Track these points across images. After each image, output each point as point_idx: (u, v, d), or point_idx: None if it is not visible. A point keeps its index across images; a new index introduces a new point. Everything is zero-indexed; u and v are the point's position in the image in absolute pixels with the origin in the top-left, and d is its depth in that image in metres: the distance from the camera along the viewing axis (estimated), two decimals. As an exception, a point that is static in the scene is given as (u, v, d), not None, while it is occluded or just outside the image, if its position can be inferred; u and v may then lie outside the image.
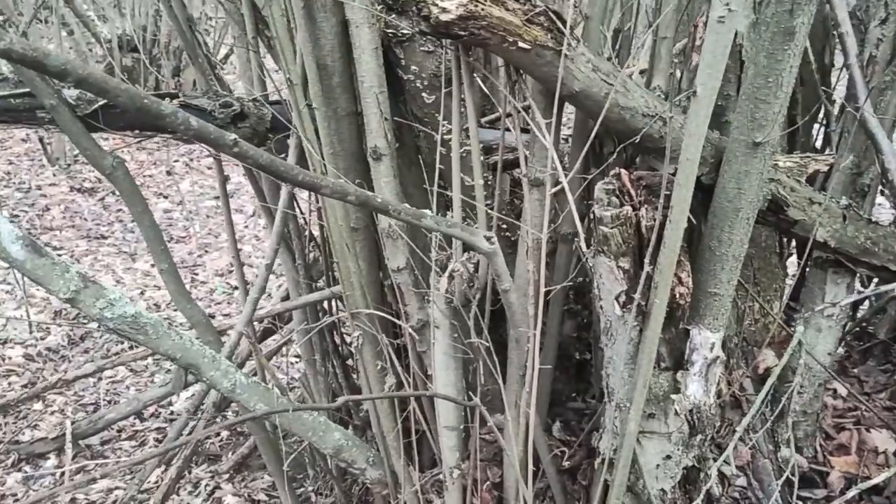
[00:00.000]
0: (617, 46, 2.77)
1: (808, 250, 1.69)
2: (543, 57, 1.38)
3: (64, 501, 2.89)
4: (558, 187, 1.45)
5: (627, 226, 1.48)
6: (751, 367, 2.22)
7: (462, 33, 1.33)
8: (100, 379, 3.83)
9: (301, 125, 1.63)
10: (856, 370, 2.39)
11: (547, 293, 1.78)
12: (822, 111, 2.63)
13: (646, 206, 1.49)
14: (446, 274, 1.58)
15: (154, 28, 7.98)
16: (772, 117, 1.48)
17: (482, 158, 1.88)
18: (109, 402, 3.61)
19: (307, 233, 2.28)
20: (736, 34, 1.77)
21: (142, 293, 4.85)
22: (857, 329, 2.55)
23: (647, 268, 1.44)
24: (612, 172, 1.54)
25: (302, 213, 2.27)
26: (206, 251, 5.68)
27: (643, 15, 2.35)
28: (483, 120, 2.26)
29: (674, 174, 1.44)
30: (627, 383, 1.64)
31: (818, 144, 2.79)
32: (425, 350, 1.89)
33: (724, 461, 2.05)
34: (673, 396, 1.61)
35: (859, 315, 2.67)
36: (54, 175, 6.77)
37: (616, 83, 1.45)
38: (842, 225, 1.80)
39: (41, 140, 6.74)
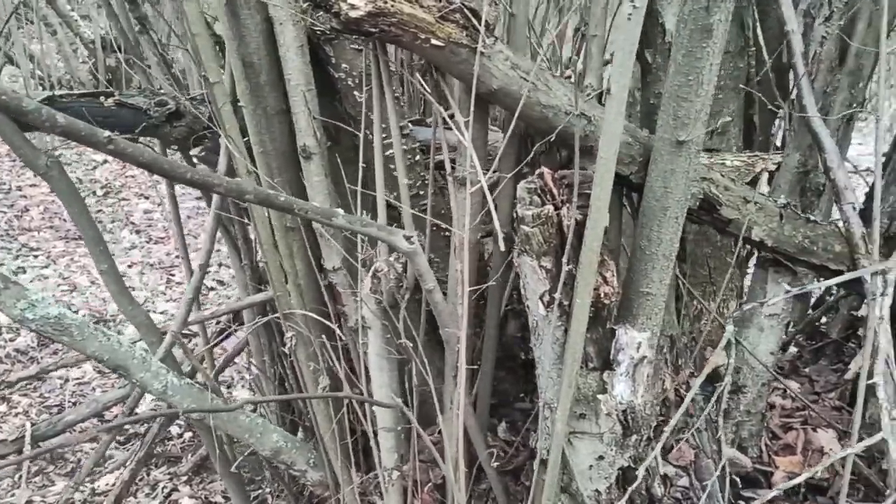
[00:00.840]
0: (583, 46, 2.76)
1: (737, 249, 1.69)
2: (458, 55, 1.37)
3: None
4: (476, 186, 1.44)
5: (549, 225, 1.46)
6: (699, 366, 2.20)
7: (373, 30, 1.32)
8: (66, 381, 3.82)
9: (222, 124, 1.62)
10: (807, 370, 2.37)
11: (480, 293, 1.77)
12: (781, 111, 2.62)
13: (567, 204, 1.47)
14: (369, 274, 1.57)
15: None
16: (694, 115, 1.47)
17: (420, 158, 1.87)
18: (74, 403, 3.60)
19: (254, 235, 2.26)
20: (666, 32, 1.77)
21: (116, 294, 4.82)
22: (810, 328, 2.54)
23: (565, 267, 1.43)
24: (537, 172, 1.53)
25: (248, 214, 2.25)
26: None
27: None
28: (429, 119, 2.26)
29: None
30: (556, 383, 1.62)
31: (778, 144, 2.78)
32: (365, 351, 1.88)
33: (664, 461, 2.05)
34: (600, 397, 1.60)
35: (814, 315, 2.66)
36: (35, 176, 6.74)
37: (537, 81, 1.44)
38: (778, 224, 1.79)
39: (22, 141, 6.72)
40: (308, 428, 2.43)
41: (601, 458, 1.71)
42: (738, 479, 2.01)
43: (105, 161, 7.39)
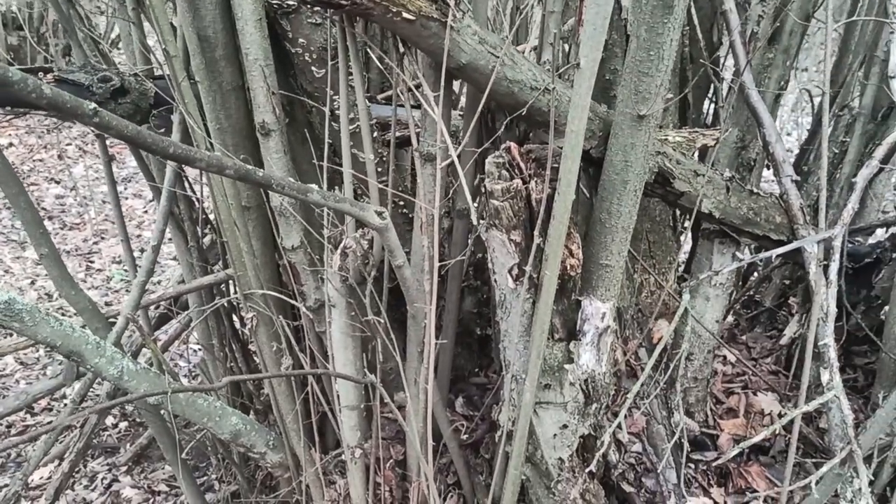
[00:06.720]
0: (517, 23, 2.79)
1: (693, 220, 1.74)
2: (429, 28, 1.36)
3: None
4: (448, 161, 1.44)
5: (518, 199, 1.48)
6: (644, 336, 2.28)
7: (344, 3, 1.30)
8: (-14, 374, 3.64)
9: (182, 100, 1.56)
10: (744, 337, 2.49)
11: (444, 269, 1.78)
12: (712, 88, 2.72)
13: (535, 178, 1.49)
14: (338, 251, 1.55)
15: (41, 5, 7.56)
16: (654, 90, 1.51)
17: (377, 134, 1.86)
18: (-2, 396, 3.44)
19: (201, 215, 2.20)
20: (622, 8, 1.80)
21: (32, 283, 4.62)
22: (745, 297, 2.66)
23: (537, 240, 1.45)
24: (502, 146, 1.54)
25: (195, 193, 2.18)
26: (103, 238, 5.46)
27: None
28: (380, 96, 2.24)
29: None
30: (523, 355, 1.65)
31: (709, 121, 2.88)
32: (324, 330, 1.86)
33: (618, 427, 2.11)
34: (566, 366, 1.64)
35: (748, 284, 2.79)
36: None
37: (503, 56, 1.45)
38: (725, 196, 1.86)
39: (-83, 123, 6.32)
40: (259, 411, 2.40)
41: (565, 426, 1.75)
42: (686, 443, 2.10)
43: (10, 144, 7.02)
